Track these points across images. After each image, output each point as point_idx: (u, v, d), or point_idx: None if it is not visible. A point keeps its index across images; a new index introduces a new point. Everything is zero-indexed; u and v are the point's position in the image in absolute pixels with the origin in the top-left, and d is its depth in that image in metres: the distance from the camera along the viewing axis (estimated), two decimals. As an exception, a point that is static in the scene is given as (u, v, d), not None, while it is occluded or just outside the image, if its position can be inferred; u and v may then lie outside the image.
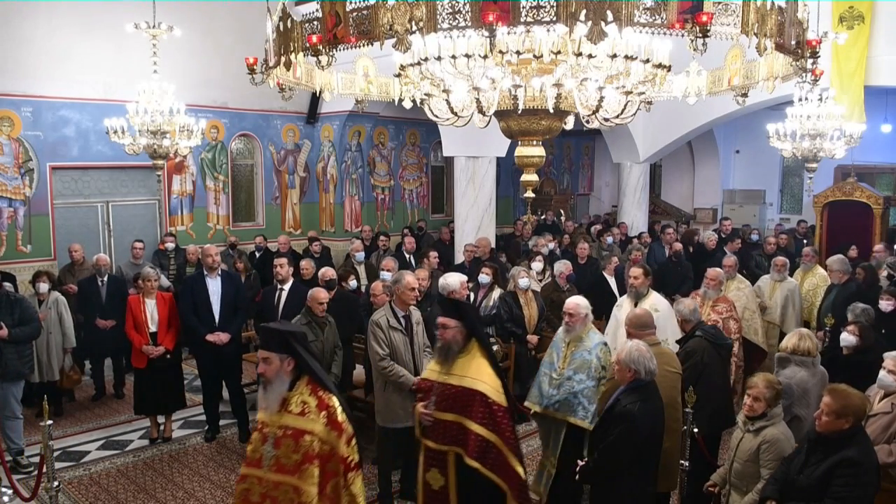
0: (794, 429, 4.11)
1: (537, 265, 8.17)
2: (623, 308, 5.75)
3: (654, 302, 5.64)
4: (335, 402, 3.22)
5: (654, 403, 3.86)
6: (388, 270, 7.13)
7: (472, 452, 3.67)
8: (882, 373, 4.18)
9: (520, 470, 3.74)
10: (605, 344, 4.84)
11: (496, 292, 7.09)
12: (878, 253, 8.65)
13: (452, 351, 3.82)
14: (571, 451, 4.60)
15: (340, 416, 3.21)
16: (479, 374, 3.75)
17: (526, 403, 4.92)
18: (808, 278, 8.12)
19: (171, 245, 9.61)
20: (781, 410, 3.92)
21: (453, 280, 5.56)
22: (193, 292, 6.48)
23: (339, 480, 3.22)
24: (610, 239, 10.68)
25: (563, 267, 7.62)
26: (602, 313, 6.72)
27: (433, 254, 8.50)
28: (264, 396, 3.27)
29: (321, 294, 5.79)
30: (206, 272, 6.53)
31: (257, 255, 10.55)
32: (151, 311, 6.43)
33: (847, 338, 5.01)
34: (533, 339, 6.81)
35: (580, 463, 4.06)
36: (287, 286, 6.48)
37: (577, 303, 4.85)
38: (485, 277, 7.08)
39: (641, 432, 3.73)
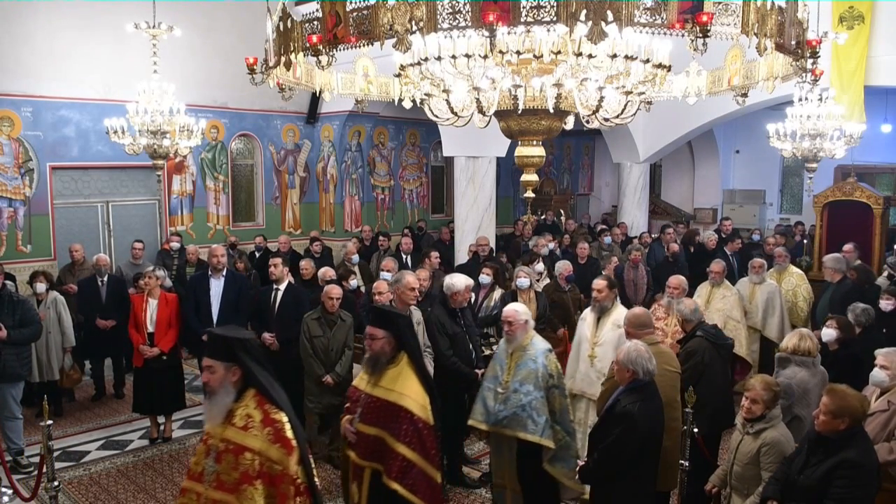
0: (795, 429, 4.11)
1: (538, 266, 8.17)
2: (586, 321, 5.42)
3: (619, 317, 5.12)
4: (283, 417, 2.98)
5: (654, 403, 3.86)
6: (388, 271, 7.13)
7: (394, 473, 3.50)
8: (875, 370, 4.20)
9: (438, 480, 3.63)
10: (551, 350, 4.59)
11: (497, 292, 7.09)
12: (846, 253, 8.35)
13: (380, 362, 3.64)
14: (530, 465, 4.45)
15: (289, 433, 2.96)
16: (406, 389, 3.58)
17: (470, 422, 4.67)
18: (786, 278, 7.92)
19: (176, 245, 9.62)
20: (780, 412, 3.92)
21: (458, 281, 5.49)
22: (196, 292, 6.50)
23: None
24: (608, 239, 10.67)
25: (562, 267, 7.63)
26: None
27: (434, 254, 8.50)
28: (208, 407, 3.08)
29: (334, 290, 5.83)
30: (210, 272, 6.54)
31: (257, 255, 10.55)
32: (152, 311, 6.43)
33: (827, 332, 5.05)
34: None
35: (580, 464, 4.07)
36: (282, 286, 6.47)
37: (516, 310, 4.57)
38: (485, 278, 7.08)
39: (641, 432, 3.72)
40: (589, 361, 5.29)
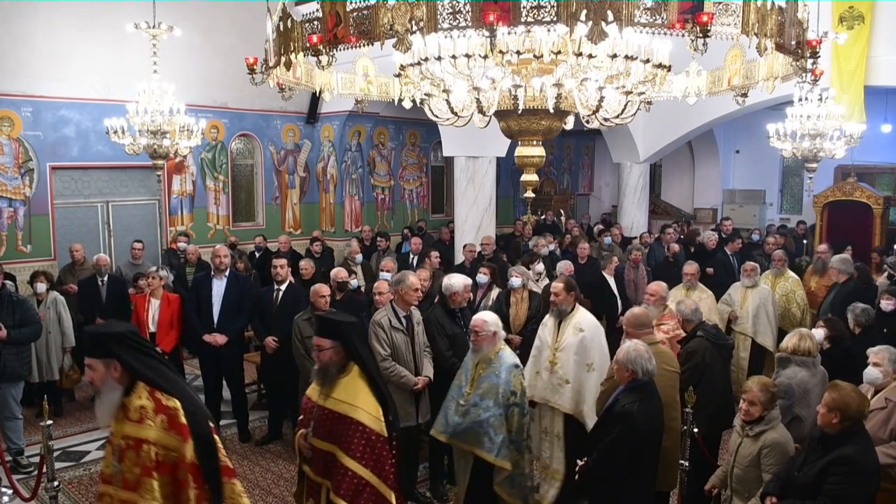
0: (795, 429, 4.12)
1: (539, 266, 8.16)
2: (547, 327, 5.10)
3: (579, 321, 4.93)
4: (176, 404, 2.91)
5: (653, 403, 3.86)
6: (387, 271, 7.14)
7: (343, 491, 3.24)
8: (868, 367, 4.23)
9: (393, 502, 3.38)
10: (517, 366, 4.38)
11: (494, 291, 7.10)
12: (820, 254, 8.34)
13: (331, 373, 3.42)
14: (483, 480, 4.29)
15: (183, 419, 2.88)
16: (357, 400, 3.33)
17: (431, 432, 4.54)
18: (780, 283, 7.70)
19: (183, 245, 9.62)
20: (779, 413, 3.93)
21: (457, 281, 5.48)
22: (198, 292, 6.51)
23: (191, 493, 2.88)
24: (608, 239, 10.67)
25: (563, 267, 7.61)
26: (602, 314, 6.71)
27: (434, 253, 8.49)
28: (97, 406, 3.03)
29: (323, 288, 5.83)
30: (213, 272, 6.55)
31: (257, 255, 10.55)
32: (154, 311, 6.44)
33: (816, 332, 5.06)
34: (515, 339, 6.36)
35: (580, 463, 4.07)
36: (284, 286, 6.50)
37: (484, 319, 4.36)
38: (482, 277, 7.08)
39: (640, 432, 3.73)
40: (550, 367, 4.97)
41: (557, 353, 4.92)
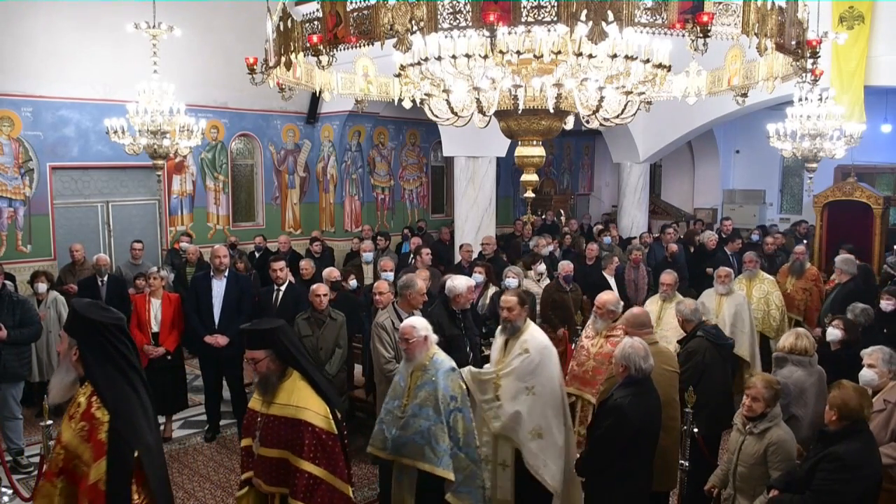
0: (791, 428, 4.11)
1: (540, 266, 8.17)
2: (497, 341, 4.66)
3: (526, 339, 4.42)
4: (104, 416, 2.64)
5: (647, 400, 3.85)
6: (388, 271, 7.15)
7: (300, 494, 3.21)
8: (863, 370, 4.22)
9: (350, 494, 3.37)
10: (454, 369, 4.14)
11: (491, 290, 7.12)
12: (798, 255, 8.11)
13: (272, 381, 3.33)
14: (431, 499, 4.06)
15: (103, 434, 2.61)
16: (303, 401, 3.26)
17: (369, 449, 4.26)
18: (756, 285, 7.40)
19: (186, 245, 9.63)
20: (780, 411, 3.92)
21: (461, 283, 5.43)
22: (198, 292, 6.51)
23: None
24: (607, 239, 10.66)
25: (562, 267, 7.62)
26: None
27: (426, 251, 8.45)
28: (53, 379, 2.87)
29: (320, 288, 5.86)
30: (212, 273, 6.56)
31: (257, 255, 10.55)
32: (156, 311, 6.44)
33: (832, 332, 5.07)
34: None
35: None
36: (283, 287, 6.53)
37: (412, 324, 4.12)
38: (478, 276, 7.08)
39: (630, 426, 3.73)
40: (494, 389, 4.42)
41: (501, 377, 4.41)
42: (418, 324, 4.15)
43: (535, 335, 4.48)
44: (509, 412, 4.32)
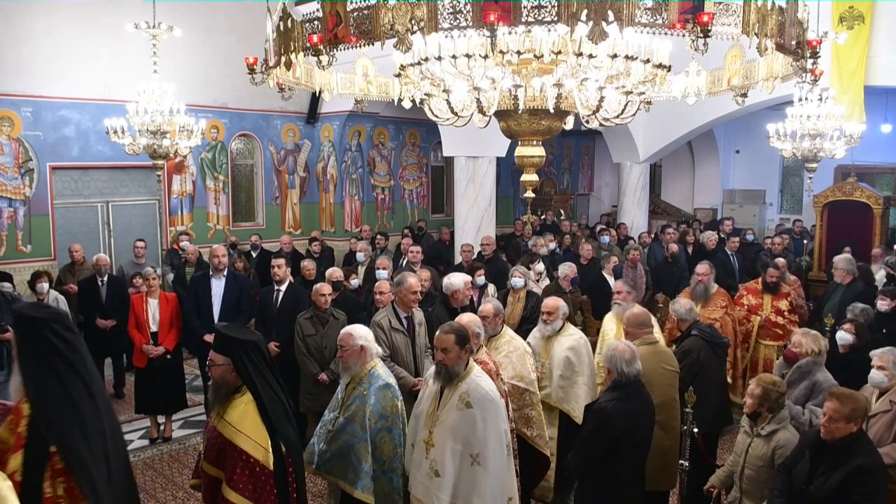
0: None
1: (539, 266, 8.17)
2: (429, 388, 3.83)
3: (468, 391, 3.54)
4: (25, 411, 2.64)
5: (632, 404, 3.76)
6: (383, 269, 7.16)
7: None
8: (872, 371, 4.19)
9: None
10: (388, 385, 3.86)
11: (490, 288, 7.13)
12: (700, 277, 7.81)
13: (221, 392, 3.15)
14: None
15: (22, 427, 2.62)
16: (243, 426, 3.04)
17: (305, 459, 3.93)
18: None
19: (185, 245, 9.63)
20: (788, 413, 3.90)
21: (456, 280, 5.47)
22: (197, 292, 6.51)
23: None
24: (606, 238, 10.65)
25: (567, 270, 7.59)
26: (603, 314, 6.70)
27: (414, 248, 8.43)
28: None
29: (324, 287, 5.85)
30: (211, 272, 6.55)
31: (253, 254, 10.54)
32: (154, 310, 6.44)
33: (844, 336, 5.02)
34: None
35: None
36: (284, 286, 6.49)
37: (350, 332, 3.88)
38: (480, 279, 7.10)
39: (613, 429, 3.69)
40: (424, 447, 3.61)
41: (434, 429, 3.59)
42: (357, 332, 3.91)
43: (481, 385, 3.58)
44: (448, 486, 3.47)
